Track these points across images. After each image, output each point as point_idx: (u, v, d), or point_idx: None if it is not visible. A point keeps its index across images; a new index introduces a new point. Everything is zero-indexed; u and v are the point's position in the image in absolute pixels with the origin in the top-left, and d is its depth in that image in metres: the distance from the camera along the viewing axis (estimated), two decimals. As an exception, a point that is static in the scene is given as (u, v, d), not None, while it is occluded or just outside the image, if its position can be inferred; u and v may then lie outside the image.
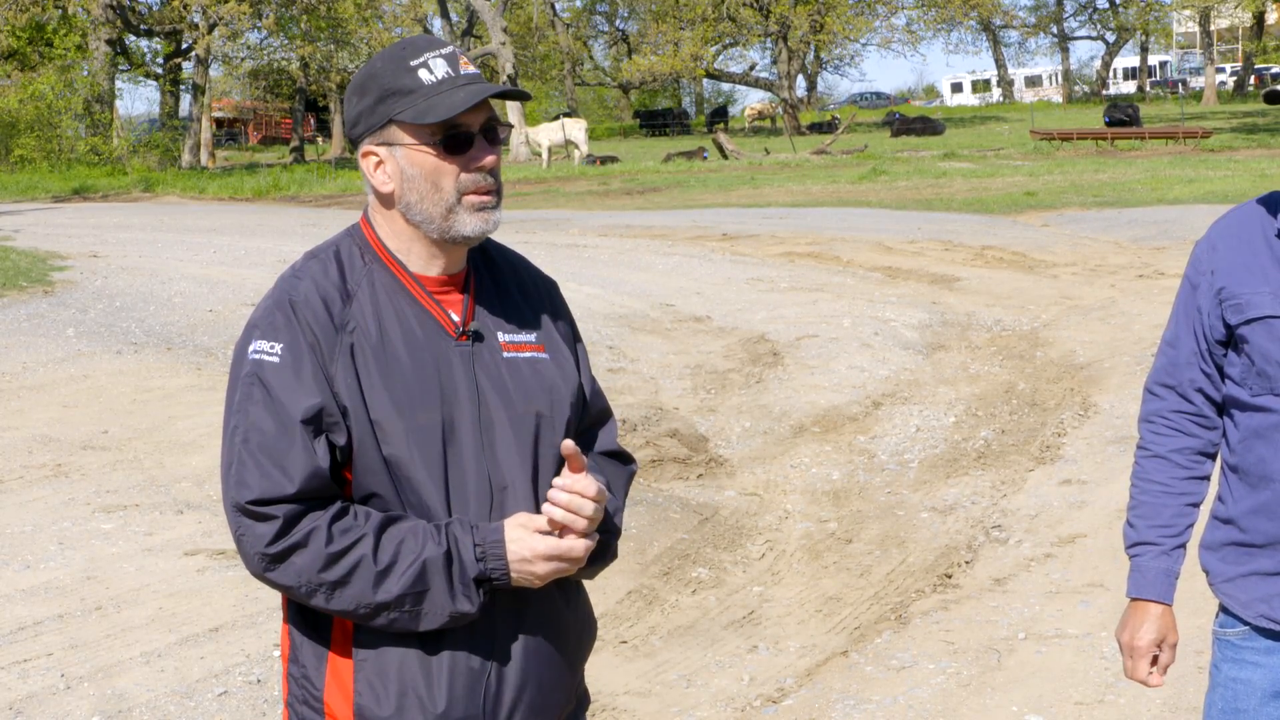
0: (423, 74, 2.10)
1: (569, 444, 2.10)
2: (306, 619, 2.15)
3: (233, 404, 2.10)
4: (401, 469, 2.09)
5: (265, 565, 2.05)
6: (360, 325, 2.10)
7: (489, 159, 2.14)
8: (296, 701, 2.18)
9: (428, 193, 2.12)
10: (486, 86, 2.12)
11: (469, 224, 2.13)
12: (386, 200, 2.16)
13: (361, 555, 2.02)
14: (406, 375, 2.10)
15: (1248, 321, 2.50)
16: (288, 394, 2.05)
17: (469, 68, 2.13)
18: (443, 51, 2.13)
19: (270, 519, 2.02)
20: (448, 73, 2.11)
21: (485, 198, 2.14)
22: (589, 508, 2.10)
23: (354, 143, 2.20)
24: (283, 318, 2.09)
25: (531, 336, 2.23)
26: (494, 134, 2.15)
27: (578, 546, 2.10)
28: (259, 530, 2.03)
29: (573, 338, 2.33)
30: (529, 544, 2.08)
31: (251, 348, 2.09)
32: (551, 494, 2.11)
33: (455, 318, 2.17)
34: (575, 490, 2.10)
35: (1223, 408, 2.63)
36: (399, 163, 2.13)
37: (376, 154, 2.14)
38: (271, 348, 2.07)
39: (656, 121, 63.17)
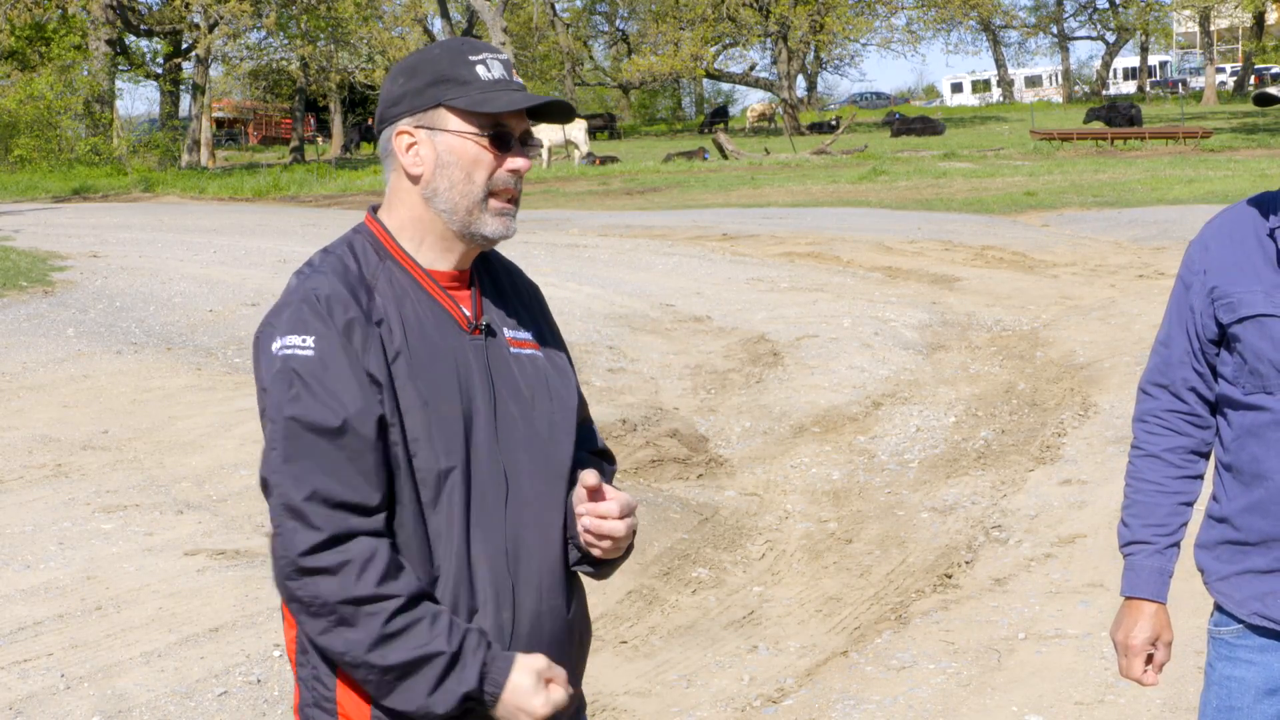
0: (480, 70, 2.15)
1: (591, 475, 2.13)
2: None
3: (269, 403, 2.05)
4: (425, 461, 2.08)
5: (290, 574, 2.01)
6: (386, 318, 2.11)
7: (524, 163, 2.18)
8: (307, 705, 2.15)
9: (459, 182, 2.14)
10: (540, 96, 2.18)
11: (490, 225, 2.16)
12: (413, 180, 2.17)
13: (380, 611, 2.00)
14: (428, 368, 2.11)
15: (1240, 320, 2.52)
16: (331, 386, 2.03)
17: (518, 78, 2.21)
18: (500, 57, 2.19)
19: (313, 527, 1.99)
20: (503, 75, 2.17)
21: (508, 205, 2.18)
22: (620, 529, 2.15)
23: (383, 123, 2.19)
24: (310, 311, 2.06)
25: (528, 335, 2.27)
26: (527, 142, 2.20)
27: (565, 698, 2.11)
28: (300, 536, 2.00)
29: (559, 340, 2.36)
30: (531, 700, 2.07)
31: (276, 345, 2.05)
32: (586, 524, 2.15)
33: (467, 312, 2.19)
34: (601, 514, 2.15)
35: (1216, 407, 2.64)
36: (436, 148, 2.15)
37: (413, 135, 2.16)
38: (303, 340, 2.04)
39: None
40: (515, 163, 2.16)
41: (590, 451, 2.35)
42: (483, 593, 2.12)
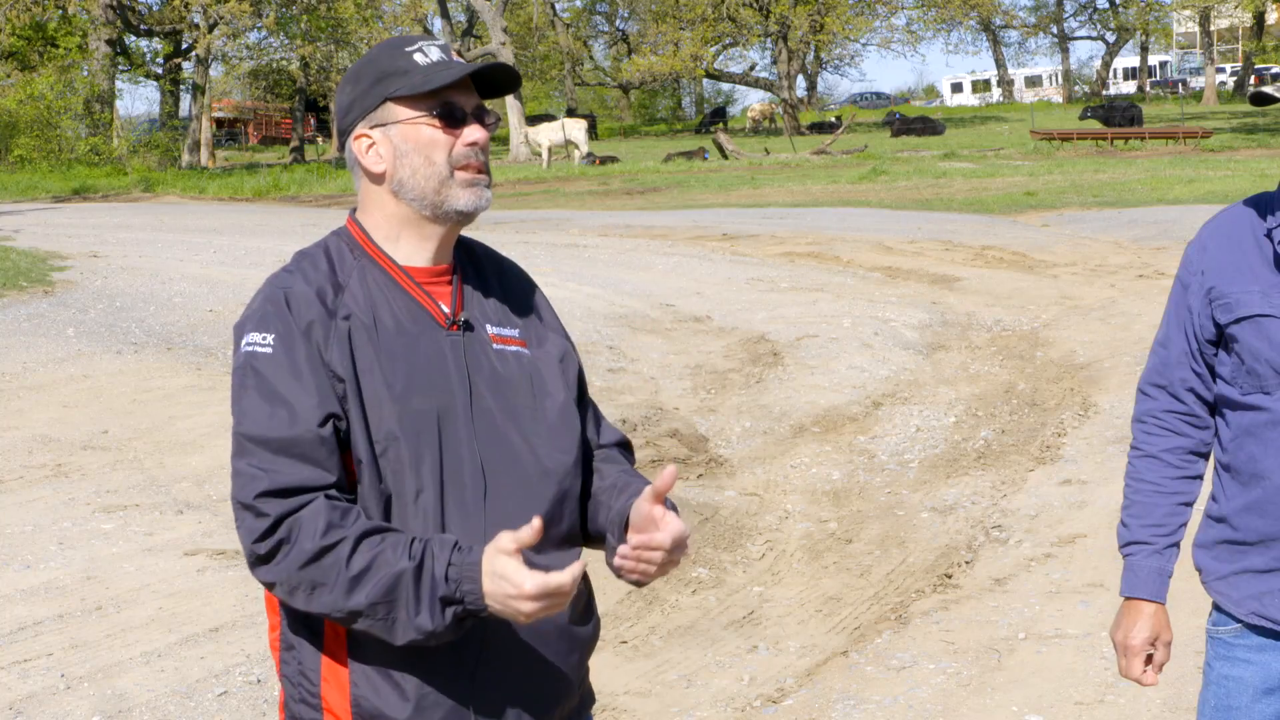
0: (418, 57, 2.18)
1: (661, 487, 2.13)
2: (301, 616, 2.15)
3: (231, 400, 2.11)
4: (395, 456, 2.09)
5: (253, 562, 2.05)
6: (355, 313, 2.13)
7: (480, 134, 2.19)
8: (293, 701, 2.17)
9: (420, 166, 2.16)
10: (480, 63, 2.20)
11: (462, 198, 2.17)
12: (377, 180, 2.19)
13: (337, 559, 2.01)
14: (400, 362, 2.12)
15: (1237, 320, 2.52)
16: (283, 385, 2.05)
17: (460, 59, 2.21)
18: (438, 43, 2.21)
19: (262, 515, 2.02)
20: (441, 57, 2.19)
21: (477, 175, 2.18)
22: (654, 567, 2.13)
23: (343, 135, 2.22)
24: (274, 309, 2.11)
25: (514, 331, 2.27)
26: (482, 116, 2.21)
27: (566, 580, 1.97)
28: (250, 525, 2.03)
29: (560, 333, 2.35)
30: (515, 579, 1.96)
31: (244, 341, 2.10)
32: (625, 552, 2.12)
33: (445, 308, 2.19)
34: (652, 545, 2.12)
35: (1214, 407, 2.64)
36: (392, 140, 2.17)
37: (369, 136, 2.18)
38: (264, 339, 2.08)
39: None
40: (471, 134, 2.17)
41: (610, 444, 2.37)
42: None
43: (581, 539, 2.31)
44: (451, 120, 2.16)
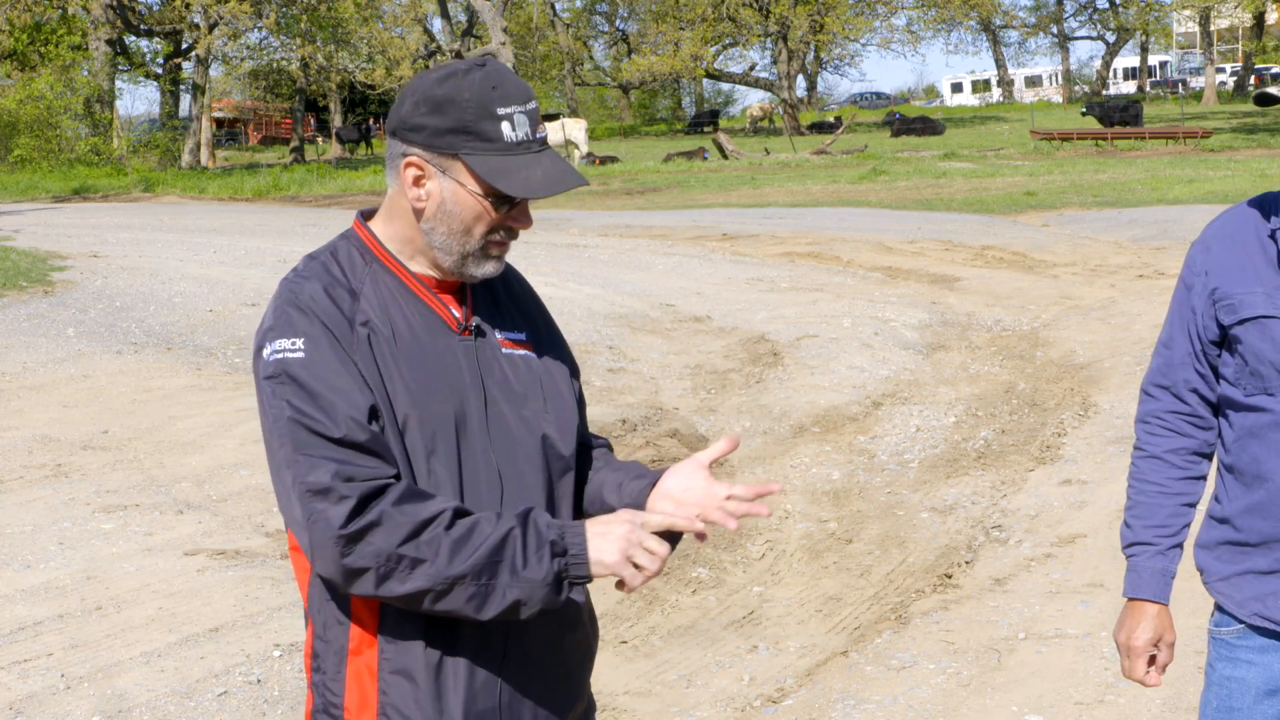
0: (505, 127, 2.10)
1: (717, 455, 2.25)
2: (328, 626, 2.15)
3: (267, 408, 2.06)
4: (419, 460, 2.09)
5: (342, 548, 1.98)
6: (372, 319, 2.11)
7: (527, 225, 2.18)
8: (318, 711, 2.16)
9: (457, 232, 2.13)
10: (562, 175, 2.13)
11: (482, 268, 2.17)
12: (416, 214, 2.16)
13: (437, 529, 2.00)
14: (418, 368, 2.12)
15: (1241, 322, 2.51)
16: (323, 383, 2.03)
17: (542, 130, 2.16)
18: (527, 108, 2.12)
19: (345, 498, 1.98)
20: (527, 135, 2.12)
21: (504, 248, 2.18)
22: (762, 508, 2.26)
23: (395, 137, 2.15)
24: (296, 313, 2.08)
25: (522, 335, 2.28)
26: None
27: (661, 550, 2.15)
28: (333, 512, 1.98)
29: (558, 335, 2.37)
30: (628, 537, 2.10)
31: (269, 350, 2.06)
32: (733, 508, 2.24)
33: (457, 314, 2.20)
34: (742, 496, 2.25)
35: (1218, 408, 2.64)
36: (443, 193, 2.12)
37: (421, 170, 2.12)
38: (293, 344, 2.05)
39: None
40: (518, 222, 2.16)
41: (600, 446, 2.39)
42: None
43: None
44: (504, 204, 2.13)
